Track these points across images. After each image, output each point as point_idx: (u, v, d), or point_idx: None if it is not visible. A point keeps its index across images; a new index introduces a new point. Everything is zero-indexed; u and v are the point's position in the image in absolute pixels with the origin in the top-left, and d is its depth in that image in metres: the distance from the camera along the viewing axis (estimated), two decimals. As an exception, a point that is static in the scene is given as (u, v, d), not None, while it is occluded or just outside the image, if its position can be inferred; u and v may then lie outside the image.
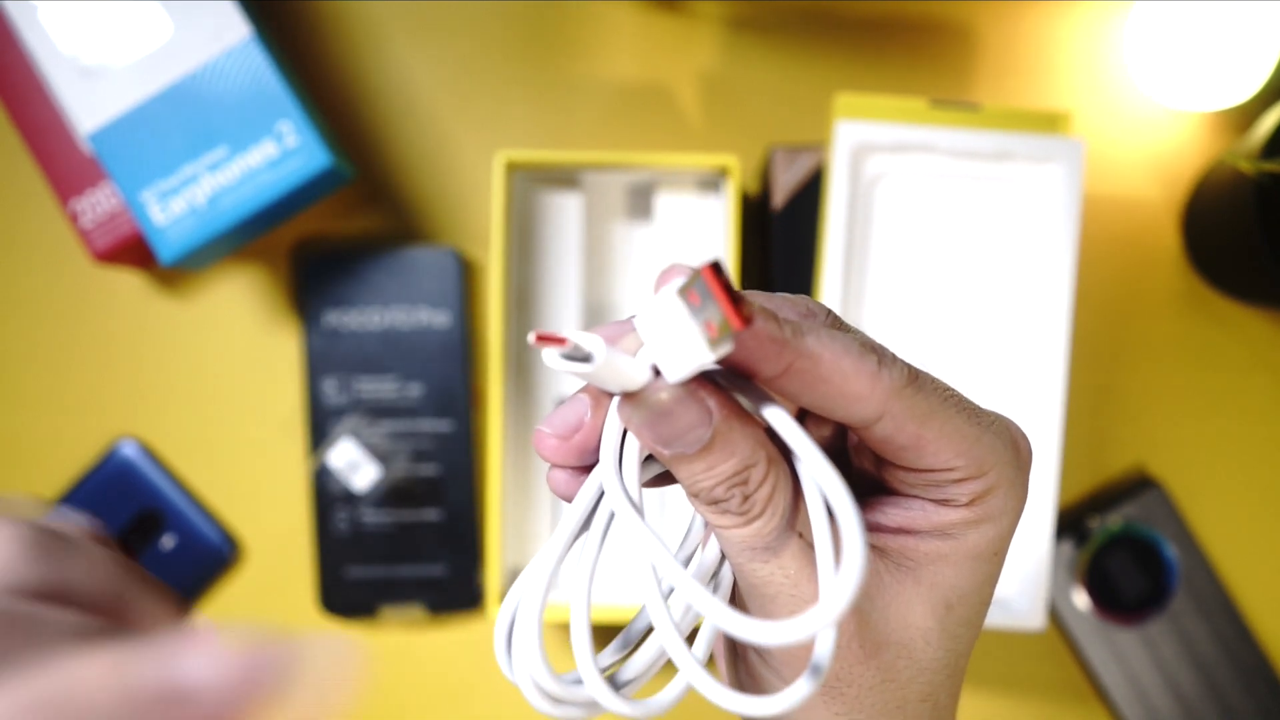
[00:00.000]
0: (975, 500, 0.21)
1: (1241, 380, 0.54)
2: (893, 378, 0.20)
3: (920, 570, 0.22)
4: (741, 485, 0.20)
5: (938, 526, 0.22)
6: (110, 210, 0.49)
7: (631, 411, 0.20)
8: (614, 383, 0.20)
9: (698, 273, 0.18)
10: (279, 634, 0.18)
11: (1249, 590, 0.53)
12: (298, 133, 0.45)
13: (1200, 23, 0.49)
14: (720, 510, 0.20)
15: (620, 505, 0.20)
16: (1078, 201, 0.46)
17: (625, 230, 0.52)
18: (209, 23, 0.45)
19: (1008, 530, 0.22)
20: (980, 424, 0.21)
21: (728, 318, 0.17)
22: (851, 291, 0.47)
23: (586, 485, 0.21)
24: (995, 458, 0.21)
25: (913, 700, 0.22)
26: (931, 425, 0.20)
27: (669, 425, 0.19)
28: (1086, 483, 0.54)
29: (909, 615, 0.22)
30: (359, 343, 0.53)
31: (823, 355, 0.19)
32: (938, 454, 0.21)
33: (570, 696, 0.21)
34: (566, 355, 0.19)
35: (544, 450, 0.21)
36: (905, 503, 0.22)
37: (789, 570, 0.21)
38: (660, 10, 0.54)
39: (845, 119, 0.46)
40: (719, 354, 0.18)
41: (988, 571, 0.22)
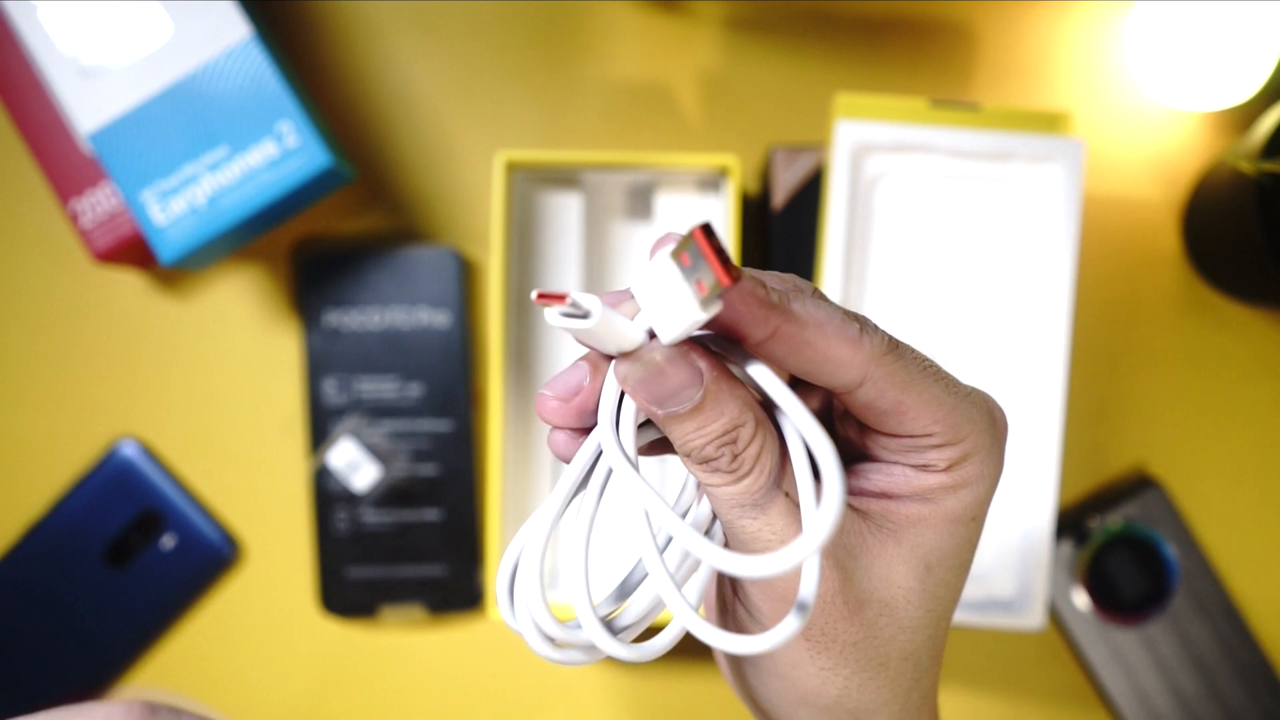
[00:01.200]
0: (953, 465, 0.22)
1: (1242, 381, 0.54)
2: (874, 344, 0.21)
3: (901, 532, 0.23)
4: (731, 444, 0.21)
5: (917, 491, 0.23)
6: (110, 210, 0.49)
7: (627, 371, 0.21)
8: (611, 343, 0.21)
9: (689, 235, 0.19)
10: None
11: (1249, 590, 0.53)
12: (298, 133, 0.45)
13: (1200, 23, 0.49)
14: (711, 469, 0.21)
15: (617, 461, 0.21)
16: (1078, 201, 0.46)
17: (625, 230, 0.52)
18: (209, 23, 0.45)
19: (984, 496, 0.23)
20: (957, 394, 0.22)
21: (717, 275, 0.18)
22: (851, 291, 0.47)
23: (585, 445, 0.22)
24: (972, 425, 0.22)
25: (894, 658, 0.23)
26: (911, 391, 0.22)
27: (662, 385, 0.20)
28: (1086, 483, 0.54)
29: (890, 574, 0.23)
30: (359, 343, 0.53)
31: (808, 319, 0.20)
32: (917, 419, 0.22)
33: (571, 640, 0.22)
34: (565, 313, 0.20)
35: (545, 412, 0.22)
36: (887, 469, 0.23)
37: (776, 526, 0.22)
38: (660, 10, 0.54)
39: (845, 119, 0.46)
40: (709, 312, 0.19)
41: (966, 535, 0.23)
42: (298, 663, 0.54)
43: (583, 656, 0.23)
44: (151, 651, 0.54)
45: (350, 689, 0.54)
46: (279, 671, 0.54)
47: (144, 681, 0.54)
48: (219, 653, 0.54)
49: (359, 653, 0.54)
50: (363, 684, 0.54)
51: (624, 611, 0.23)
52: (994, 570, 0.47)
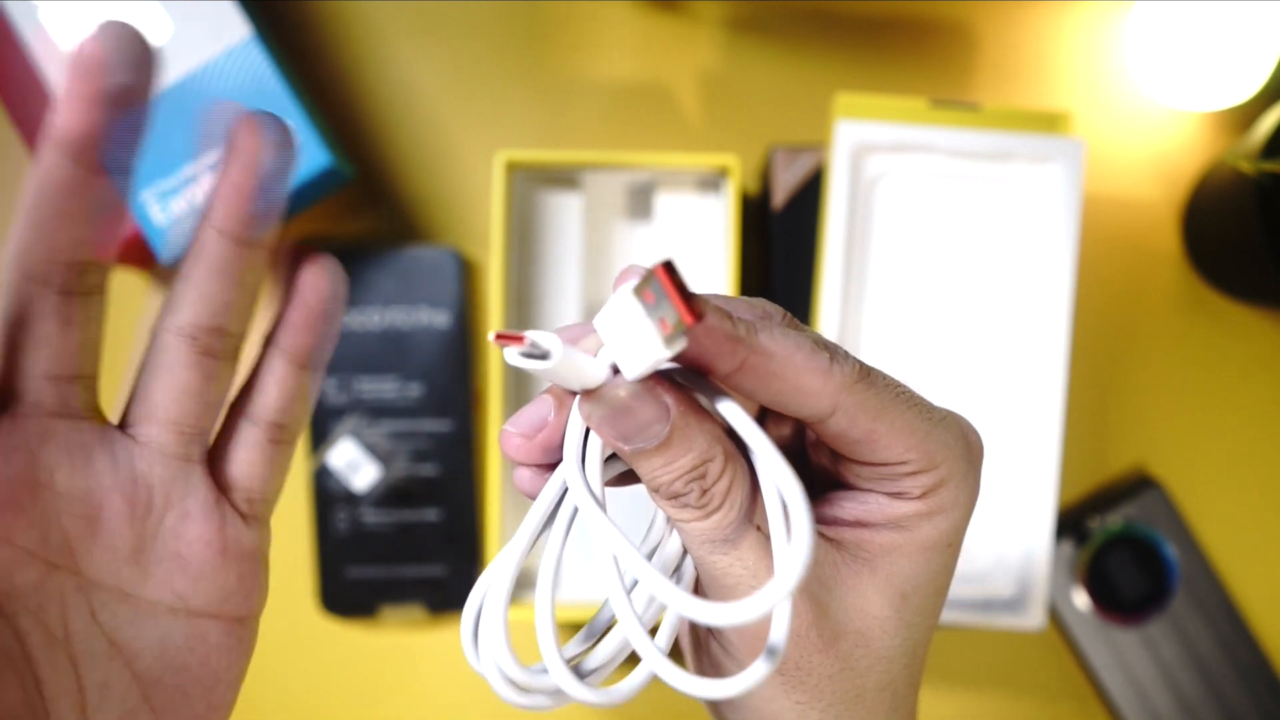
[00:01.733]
0: (927, 493, 0.22)
1: (1241, 380, 0.54)
2: (844, 373, 0.21)
3: (876, 561, 0.23)
4: (700, 479, 0.21)
5: (892, 519, 0.22)
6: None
7: (591, 408, 0.20)
8: (574, 380, 0.20)
9: (651, 272, 0.18)
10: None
11: (1249, 590, 0.53)
12: (298, 133, 0.45)
13: (1200, 23, 0.49)
14: (680, 504, 0.21)
15: (583, 500, 0.21)
16: (1078, 201, 0.46)
17: (625, 230, 0.52)
18: (209, 23, 0.45)
19: (960, 522, 0.23)
20: (931, 419, 0.22)
21: (680, 313, 0.18)
22: (851, 291, 0.47)
23: (551, 482, 0.22)
24: (946, 452, 0.22)
25: (871, 689, 0.23)
26: (883, 420, 0.21)
27: (628, 421, 0.20)
28: (1086, 483, 0.54)
29: (865, 605, 0.22)
30: (359, 343, 0.53)
31: (775, 351, 0.20)
32: (890, 448, 0.21)
33: (536, 685, 0.22)
34: (525, 353, 0.20)
35: (509, 449, 0.22)
36: (861, 497, 0.23)
37: (747, 561, 0.21)
38: (660, 10, 0.54)
39: (845, 119, 0.46)
40: (673, 350, 0.19)
41: (942, 562, 0.23)
42: (298, 663, 0.54)
43: (549, 701, 0.22)
44: (151, 651, 0.54)
45: (350, 689, 0.54)
46: (279, 671, 0.54)
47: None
48: (219, 653, 0.54)
49: (359, 653, 0.54)
50: (363, 684, 0.54)
51: (592, 655, 0.22)
52: (994, 570, 0.47)
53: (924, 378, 0.48)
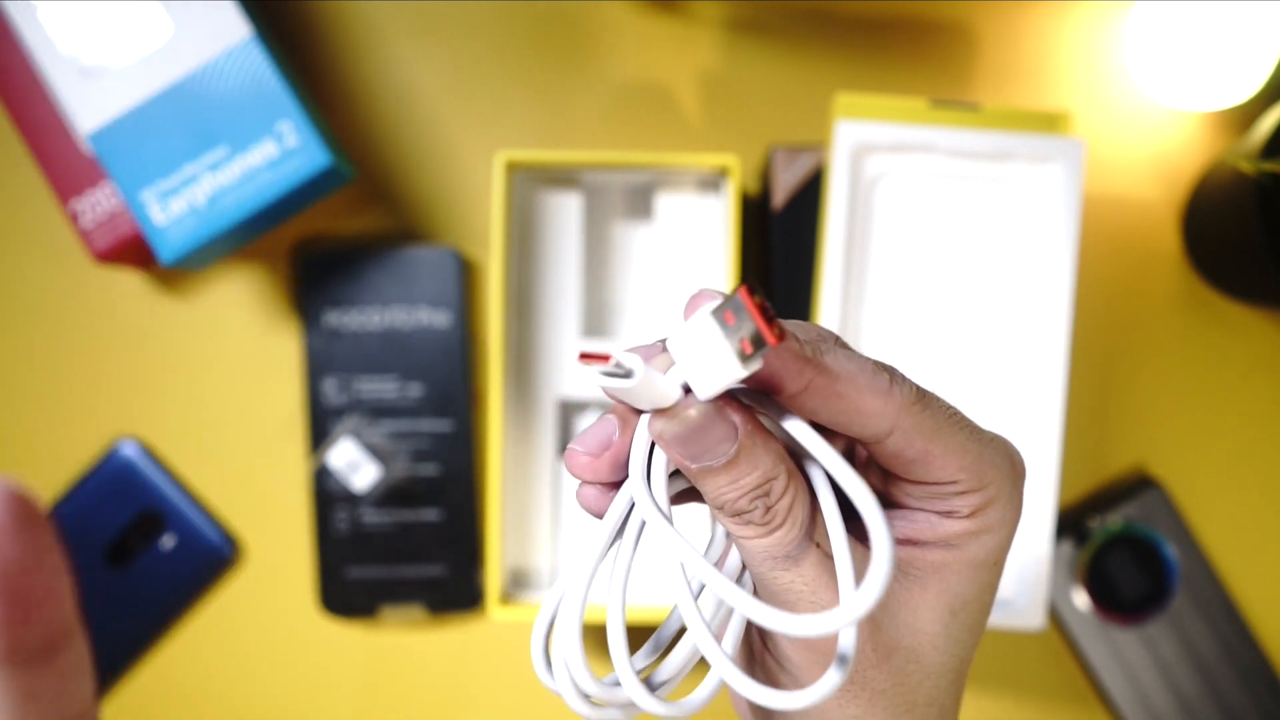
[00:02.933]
0: (976, 512, 0.23)
1: (1241, 380, 0.54)
2: (903, 395, 0.22)
3: (926, 579, 0.23)
4: (764, 497, 0.21)
5: (942, 537, 0.23)
6: (110, 210, 0.49)
7: (663, 427, 0.21)
8: (647, 399, 0.21)
9: (734, 294, 0.19)
10: None
11: (1249, 590, 0.53)
12: (298, 133, 0.45)
13: (1200, 23, 0.49)
14: (744, 521, 0.21)
15: (651, 514, 0.21)
16: (1078, 201, 0.46)
17: (625, 230, 0.52)
18: (209, 23, 0.45)
19: (1006, 540, 0.24)
20: (981, 441, 0.23)
21: (764, 334, 0.19)
22: (851, 291, 0.47)
23: (618, 499, 0.23)
24: (995, 472, 0.23)
25: (920, 704, 0.23)
26: (937, 441, 0.22)
27: (698, 440, 0.21)
28: (1086, 483, 0.54)
29: (917, 621, 0.23)
30: (359, 343, 0.53)
31: (840, 373, 0.21)
32: (943, 467, 0.22)
33: (610, 699, 0.22)
34: (608, 372, 0.20)
35: (575, 467, 0.23)
36: (911, 515, 0.23)
37: (808, 578, 0.22)
38: (660, 10, 0.54)
39: (845, 119, 0.46)
40: (750, 370, 0.19)
41: (988, 580, 0.24)
42: (298, 663, 0.54)
43: (621, 715, 0.22)
44: (151, 651, 0.54)
45: (350, 689, 0.54)
46: (279, 671, 0.54)
47: (144, 682, 0.54)
48: (219, 653, 0.54)
49: (359, 653, 0.54)
50: (363, 684, 0.54)
51: (661, 666, 0.23)
52: (994, 570, 0.47)
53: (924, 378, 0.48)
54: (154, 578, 0.53)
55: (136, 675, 0.54)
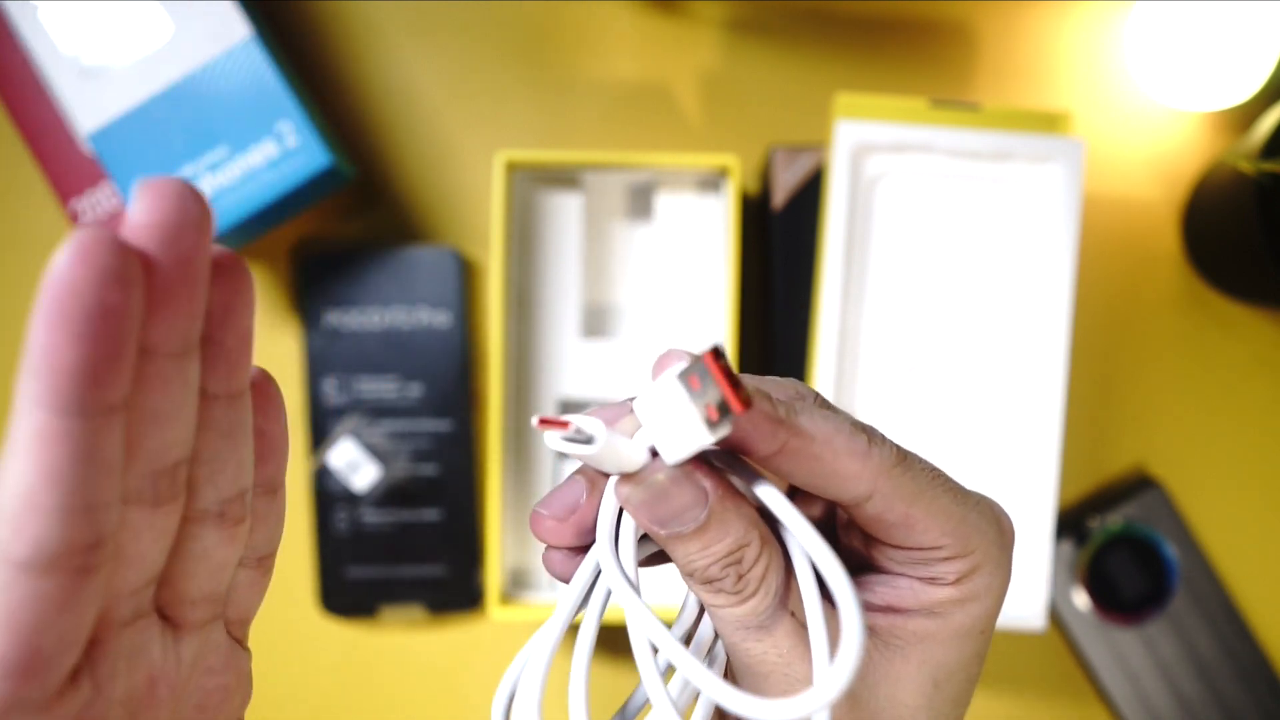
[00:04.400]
0: (961, 579, 0.22)
1: (1241, 380, 0.54)
2: (882, 457, 0.21)
3: (908, 649, 0.22)
4: (736, 564, 0.20)
5: (925, 605, 0.22)
6: (111, 210, 0.49)
7: (630, 492, 0.20)
8: (612, 464, 0.20)
9: (699, 359, 0.19)
10: None
11: (1249, 590, 0.53)
12: (298, 133, 0.45)
13: (1200, 23, 0.49)
14: (715, 589, 0.21)
15: (617, 583, 0.21)
16: (1078, 201, 0.46)
17: (625, 230, 0.52)
18: (209, 23, 0.45)
19: (993, 609, 0.23)
20: (965, 504, 0.22)
21: (729, 401, 0.18)
22: (851, 291, 0.47)
23: (584, 564, 0.22)
24: (980, 537, 0.22)
25: None
26: (919, 504, 0.21)
27: (666, 506, 0.20)
28: (1086, 483, 0.54)
29: (897, 693, 0.22)
30: (359, 343, 0.53)
31: (816, 434, 0.20)
32: (926, 532, 0.21)
33: None
34: (568, 438, 0.20)
35: (540, 531, 0.22)
36: (893, 581, 0.23)
37: (782, 649, 0.21)
38: (660, 10, 0.54)
39: (845, 119, 0.46)
40: (718, 436, 0.19)
41: (974, 649, 0.23)
42: (298, 663, 0.54)
43: None
44: (151, 651, 0.54)
45: (350, 689, 0.54)
46: (279, 671, 0.54)
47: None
48: (219, 653, 0.54)
49: (359, 653, 0.54)
50: (363, 684, 0.54)
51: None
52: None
53: (924, 378, 0.48)
54: (154, 578, 0.53)
55: (136, 675, 0.54)
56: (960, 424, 0.48)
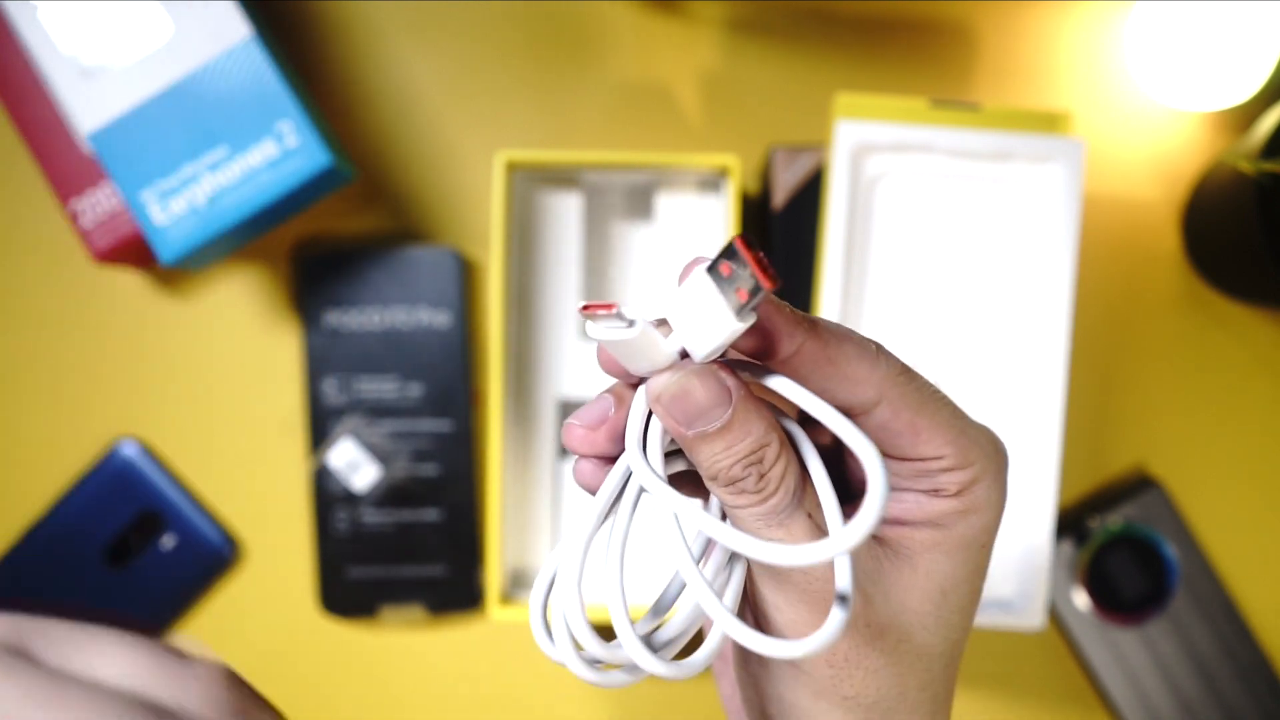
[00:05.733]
0: (963, 490, 0.23)
1: (1241, 380, 0.54)
2: (889, 365, 0.22)
3: (915, 559, 0.23)
4: (757, 464, 0.21)
5: (930, 517, 0.23)
6: (110, 210, 0.49)
7: (660, 389, 0.21)
8: (646, 359, 0.21)
9: (730, 244, 0.20)
10: None
11: (1249, 590, 0.53)
12: (298, 133, 0.45)
13: (1200, 23, 0.49)
14: (738, 489, 0.22)
15: (648, 479, 0.21)
16: (1078, 201, 0.46)
17: (625, 230, 0.52)
18: (209, 23, 0.45)
19: (992, 522, 0.24)
20: (964, 419, 0.23)
21: (759, 277, 0.19)
22: (851, 291, 0.47)
23: (614, 470, 0.23)
24: (980, 450, 0.23)
25: (912, 688, 0.24)
26: (924, 414, 0.22)
27: (693, 403, 0.21)
28: (1086, 483, 0.54)
29: (907, 600, 0.23)
30: (359, 343, 0.53)
31: (829, 338, 0.21)
32: (930, 441, 0.22)
33: (613, 659, 0.22)
34: (609, 324, 0.20)
35: (573, 440, 0.23)
36: (899, 495, 0.24)
37: (799, 541, 0.22)
38: (660, 10, 0.54)
39: (845, 119, 0.46)
40: (746, 322, 0.20)
41: (977, 561, 0.24)
42: (298, 663, 0.54)
43: (625, 677, 0.22)
44: (151, 651, 0.54)
45: (350, 689, 0.54)
46: (279, 671, 0.54)
47: (144, 681, 0.54)
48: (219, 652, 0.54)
49: (359, 653, 0.54)
50: (363, 684, 0.54)
51: (664, 627, 0.23)
52: (994, 570, 0.47)
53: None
54: (154, 578, 0.53)
55: (136, 675, 0.54)
56: (960, 424, 0.48)
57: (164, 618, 0.53)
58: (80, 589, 0.52)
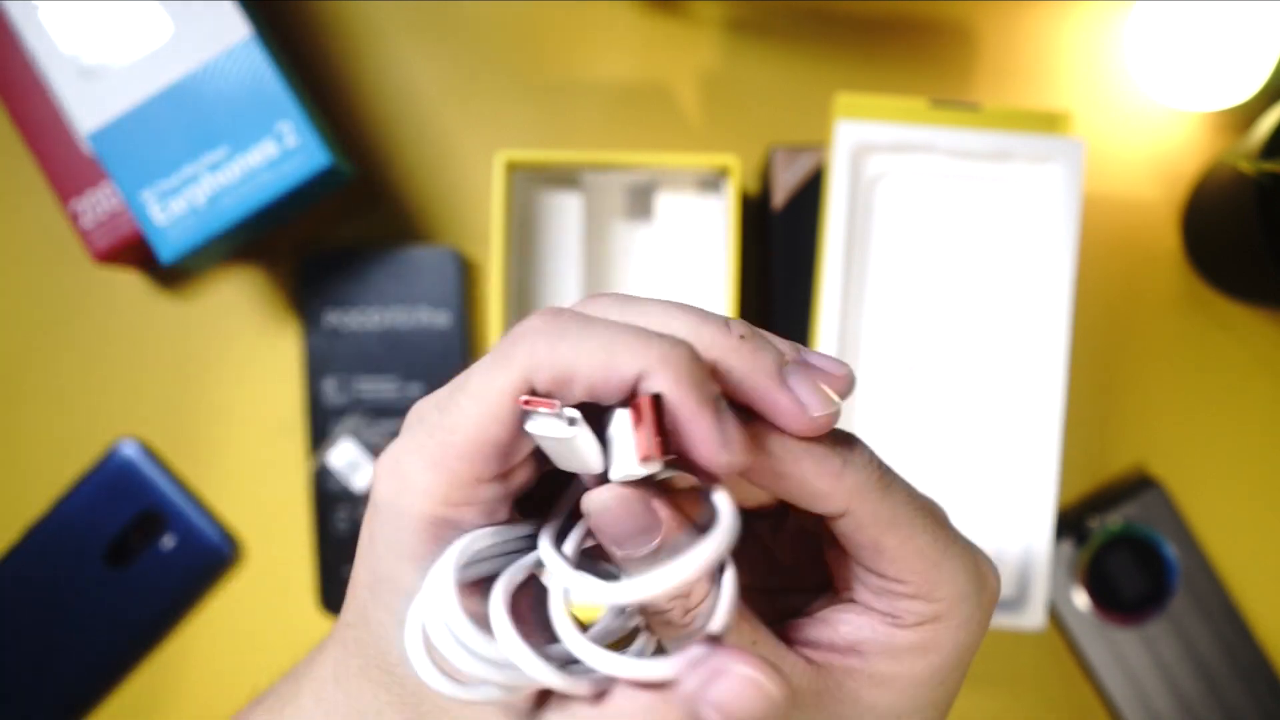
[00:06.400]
0: (922, 624, 0.21)
1: (1241, 380, 0.54)
2: (858, 478, 0.20)
3: (862, 692, 0.22)
4: (684, 598, 0.20)
5: (885, 648, 0.22)
6: (110, 210, 0.49)
7: (590, 505, 0.20)
8: (578, 461, 0.20)
9: (639, 400, 0.19)
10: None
11: (1249, 590, 0.53)
12: (298, 133, 0.45)
13: (1200, 23, 0.49)
14: (661, 621, 0.20)
15: (550, 560, 0.20)
16: (1078, 201, 0.46)
17: (625, 230, 0.52)
18: (209, 23, 0.45)
19: (952, 663, 0.22)
20: (944, 548, 0.21)
21: (650, 450, 0.19)
22: (851, 291, 0.47)
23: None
24: (950, 587, 0.21)
25: None
26: (893, 533, 0.21)
27: (620, 527, 0.20)
28: (1086, 483, 0.54)
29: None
30: (359, 343, 0.53)
31: (783, 456, 0.20)
32: (893, 563, 0.21)
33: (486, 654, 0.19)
34: (550, 416, 0.19)
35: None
36: (856, 620, 0.22)
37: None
38: (660, 10, 0.54)
39: (845, 119, 0.46)
40: (649, 470, 0.19)
41: (931, 699, 0.22)
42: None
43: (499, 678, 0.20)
44: (151, 652, 0.54)
45: (350, 689, 0.54)
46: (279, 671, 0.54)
47: (144, 681, 0.54)
48: (219, 653, 0.54)
49: (359, 653, 0.54)
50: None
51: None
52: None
53: (924, 378, 0.48)
54: (154, 578, 0.53)
55: (137, 675, 0.54)
56: (960, 424, 0.48)
57: (164, 618, 0.53)
58: (80, 589, 0.52)
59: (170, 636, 0.54)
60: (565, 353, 0.19)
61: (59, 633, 0.52)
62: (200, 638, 0.54)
